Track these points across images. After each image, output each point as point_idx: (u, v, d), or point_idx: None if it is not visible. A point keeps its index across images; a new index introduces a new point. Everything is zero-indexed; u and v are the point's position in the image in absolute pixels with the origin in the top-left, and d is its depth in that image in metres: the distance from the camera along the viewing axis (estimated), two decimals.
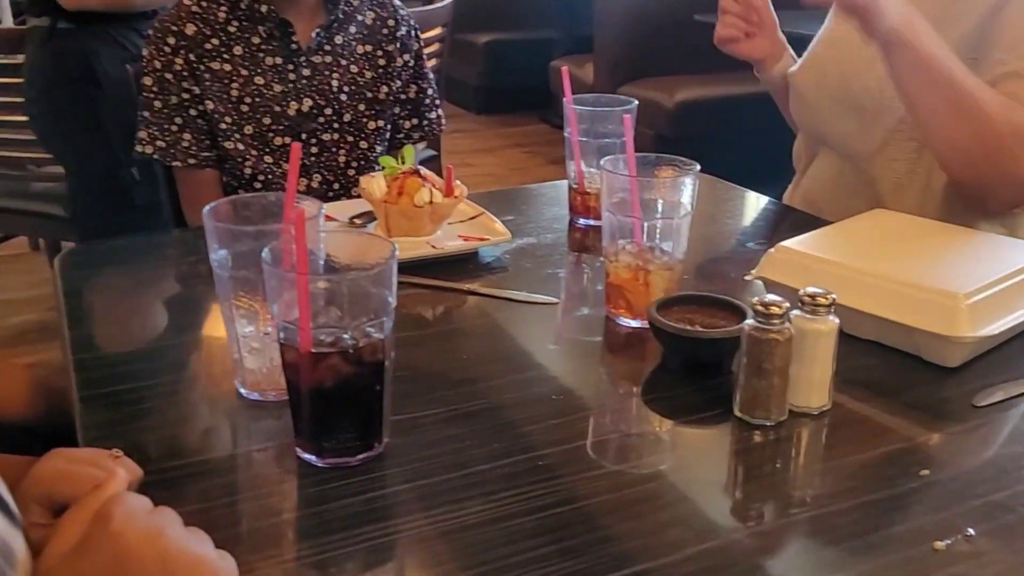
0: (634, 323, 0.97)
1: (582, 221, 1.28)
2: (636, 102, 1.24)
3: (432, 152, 2.76)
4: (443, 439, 0.76)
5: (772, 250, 1.00)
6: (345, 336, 0.69)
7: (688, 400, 0.83)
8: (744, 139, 3.52)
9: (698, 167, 0.96)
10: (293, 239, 0.69)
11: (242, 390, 0.82)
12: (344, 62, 1.43)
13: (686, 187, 0.94)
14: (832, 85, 1.31)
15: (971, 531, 0.64)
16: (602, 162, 0.96)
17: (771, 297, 0.77)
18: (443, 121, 1.58)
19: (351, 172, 1.46)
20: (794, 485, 0.73)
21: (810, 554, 0.66)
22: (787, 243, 1.00)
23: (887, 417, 0.81)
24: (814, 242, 1.00)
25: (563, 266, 1.16)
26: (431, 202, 1.12)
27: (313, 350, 0.68)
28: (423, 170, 1.16)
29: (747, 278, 1.01)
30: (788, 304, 0.77)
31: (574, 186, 1.27)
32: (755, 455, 0.76)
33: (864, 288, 0.91)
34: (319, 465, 0.72)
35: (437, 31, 2.72)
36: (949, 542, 0.63)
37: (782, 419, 0.79)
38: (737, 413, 0.79)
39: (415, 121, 1.55)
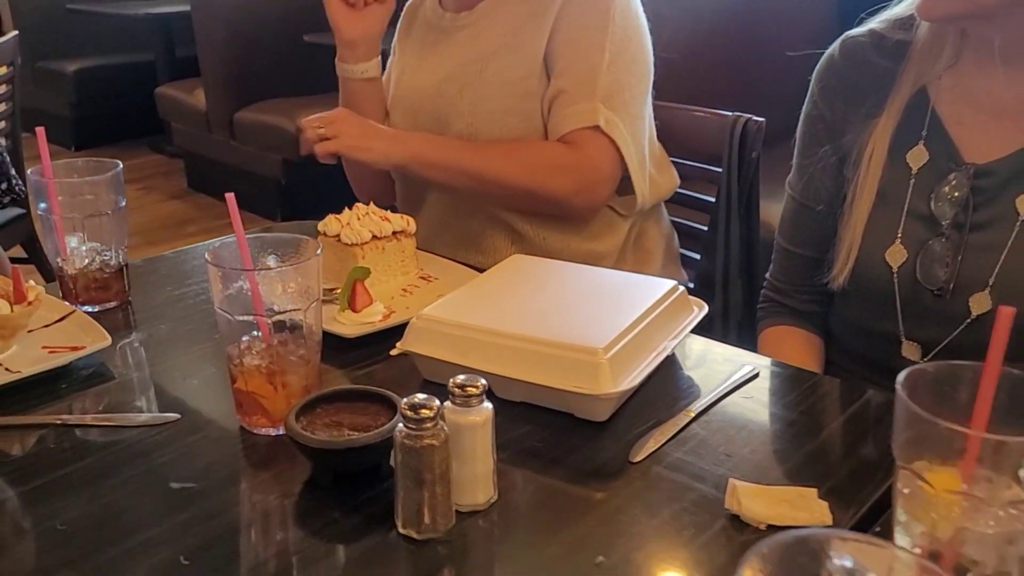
0: (276, 431, 0.84)
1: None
2: (120, 164, 1.09)
3: (20, 210, 2.36)
4: None
5: (415, 319, 0.93)
6: None
7: (347, 522, 0.73)
8: None
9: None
10: None
11: None
12: None
13: (311, 268, 0.83)
14: (426, 118, 1.35)
15: None
16: (207, 255, 0.81)
17: (419, 398, 0.69)
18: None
19: None
20: None
21: None
22: (428, 311, 0.93)
23: (554, 495, 0.78)
24: (456, 306, 0.95)
25: (189, 365, 0.99)
26: None
27: None
28: None
29: (392, 352, 0.93)
30: (439, 403, 0.70)
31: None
32: (428, 574, 0.68)
33: (509, 352, 0.87)
34: None
35: (3, 71, 2.33)
36: None
37: (450, 525, 0.71)
38: (401, 530, 0.71)
39: (4, 185, 1.36)
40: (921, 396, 0.59)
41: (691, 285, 1.51)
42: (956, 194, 1.01)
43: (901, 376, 0.60)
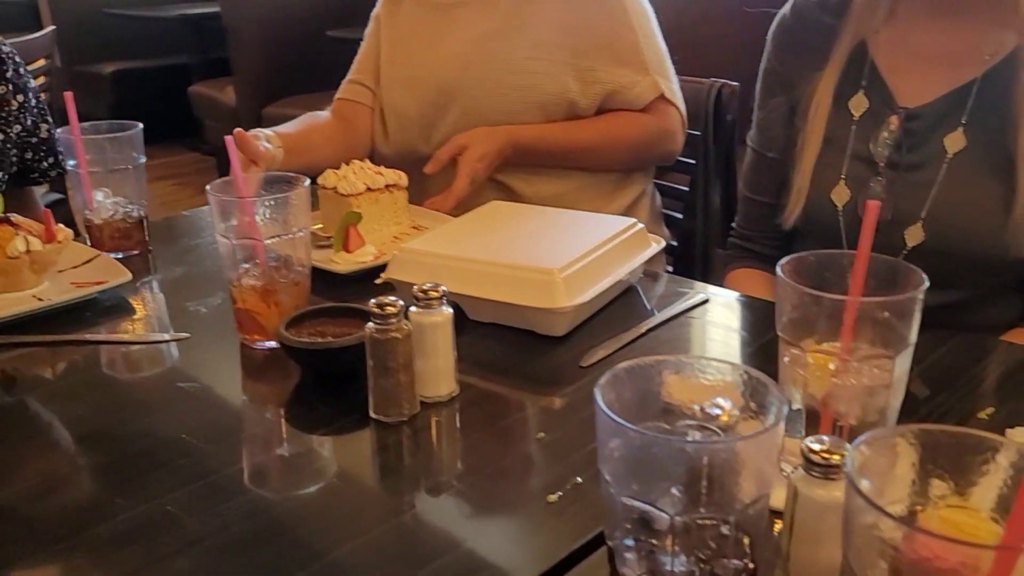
0: (271, 344, 0.96)
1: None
2: (140, 125, 1.22)
3: (60, 196, 2.53)
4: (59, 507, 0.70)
5: (397, 252, 1.04)
6: None
7: (327, 411, 0.84)
8: None
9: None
10: None
11: None
12: None
13: (299, 199, 0.94)
14: (430, 92, 1.43)
15: (579, 479, 0.72)
16: (208, 187, 0.93)
17: (386, 299, 0.81)
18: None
19: None
20: (436, 468, 0.77)
21: (456, 527, 0.69)
22: (409, 245, 1.04)
23: (509, 391, 0.88)
24: (434, 241, 1.06)
25: (199, 297, 1.11)
26: (28, 251, 1.03)
27: None
28: (15, 217, 1.06)
29: (377, 281, 1.04)
30: (402, 302, 0.81)
31: None
32: (395, 450, 0.79)
33: (477, 276, 0.98)
34: None
35: (40, 63, 2.50)
36: (560, 493, 0.70)
37: (415, 412, 0.82)
38: (372, 414, 0.82)
39: (52, 160, 1.47)
40: (802, 281, 0.69)
41: (674, 243, 1.61)
42: (892, 137, 1.10)
43: (783, 261, 0.70)
